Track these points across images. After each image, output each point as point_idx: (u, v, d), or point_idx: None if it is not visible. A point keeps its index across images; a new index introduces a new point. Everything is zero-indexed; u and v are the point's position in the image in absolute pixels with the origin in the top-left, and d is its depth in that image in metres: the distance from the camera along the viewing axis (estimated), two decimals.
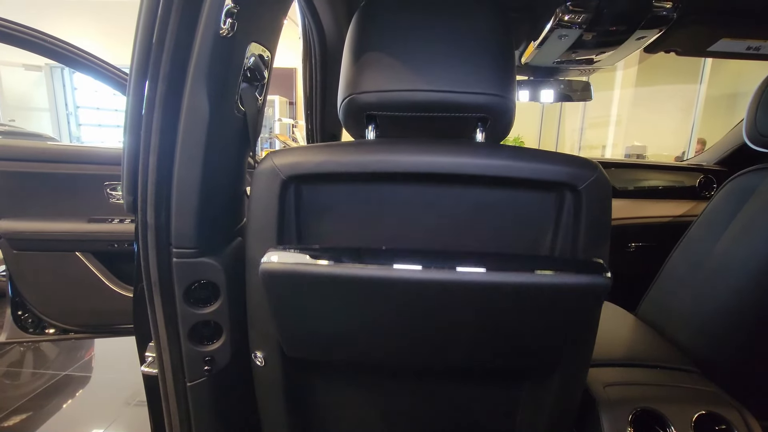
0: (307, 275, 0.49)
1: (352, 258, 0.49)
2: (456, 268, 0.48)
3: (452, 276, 0.48)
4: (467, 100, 0.55)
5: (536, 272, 0.48)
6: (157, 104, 0.53)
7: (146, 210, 0.56)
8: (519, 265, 0.50)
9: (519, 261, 0.52)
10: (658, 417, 0.66)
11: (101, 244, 1.41)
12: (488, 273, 0.48)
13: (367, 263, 0.48)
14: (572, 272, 0.50)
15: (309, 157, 0.54)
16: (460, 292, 0.50)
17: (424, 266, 0.48)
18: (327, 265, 0.48)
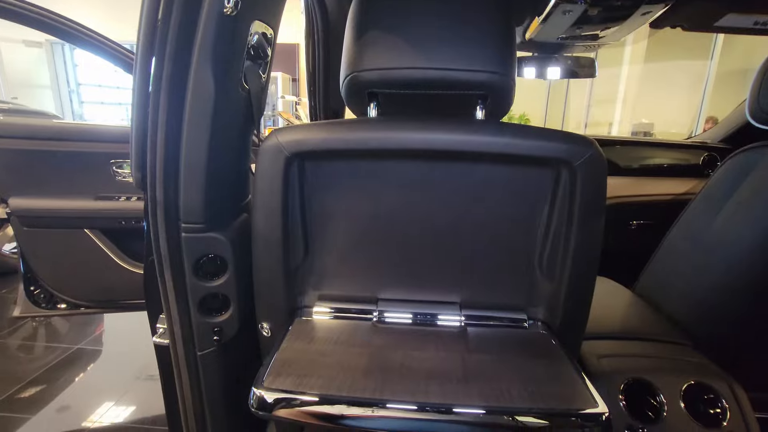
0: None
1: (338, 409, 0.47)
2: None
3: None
4: (467, 77, 0.55)
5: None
6: (164, 83, 0.54)
7: (155, 186, 0.57)
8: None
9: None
10: (649, 387, 0.69)
11: (109, 221, 1.43)
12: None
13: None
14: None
15: (312, 135, 0.55)
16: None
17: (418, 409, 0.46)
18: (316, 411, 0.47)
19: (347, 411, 0.45)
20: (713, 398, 0.68)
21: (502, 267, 0.64)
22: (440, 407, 0.45)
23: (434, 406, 0.45)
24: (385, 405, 0.45)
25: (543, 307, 0.66)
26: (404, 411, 0.45)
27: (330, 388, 0.47)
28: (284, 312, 0.65)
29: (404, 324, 0.64)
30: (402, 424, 0.45)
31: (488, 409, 0.45)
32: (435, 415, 0.45)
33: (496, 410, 0.45)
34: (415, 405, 0.45)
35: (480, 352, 0.56)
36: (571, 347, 0.65)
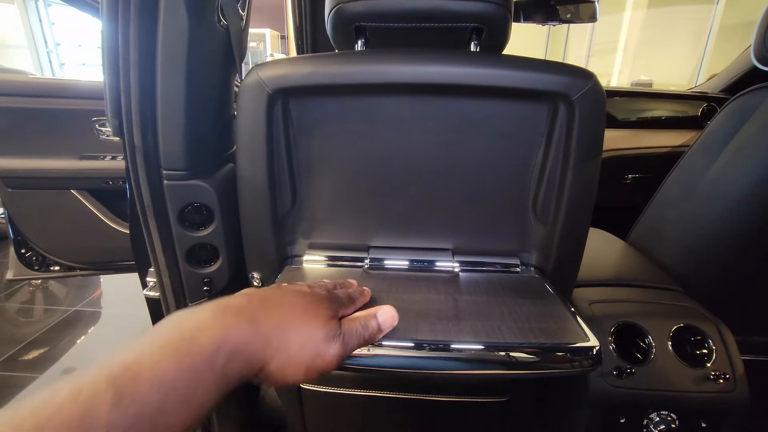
0: None
1: None
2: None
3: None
4: (460, 7, 0.52)
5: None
6: (132, 16, 0.50)
7: (132, 131, 0.55)
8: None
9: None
10: (638, 329, 0.70)
11: (95, 181, 1.40)
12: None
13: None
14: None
15: (295, 69, 0.52)
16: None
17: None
18: None
19: None
20: (700, 340, 0.69)
21: (495, 211, 0.63)
22: (430, 343, 0.45)
23: (424, 342, 0.45)
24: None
25: (536, 252, 0.65)
26: (393, 348, 0.44)
27: None
28: (274, 261, 0.64)
29: (396, 270, 0.64)
30: (391, 361, 0.45)
31: (479, 344, 0.45)
32: (425, 351, 0.45)
33: (487, 345, 0.45)
34: (404, 342, 0.45)
35: (471, 294, 0.56)
36: (564, 292, 0.65)
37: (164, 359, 0.26)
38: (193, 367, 0.27)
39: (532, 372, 0.46)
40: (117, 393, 0.23)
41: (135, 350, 0.26)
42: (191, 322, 0.29)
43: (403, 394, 0.74)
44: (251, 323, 0.31)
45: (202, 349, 0.27)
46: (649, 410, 0.67)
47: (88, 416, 0.22)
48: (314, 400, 0.78)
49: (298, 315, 0.35)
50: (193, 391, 0.26)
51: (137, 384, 0.24)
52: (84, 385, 0.23)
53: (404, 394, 0.74)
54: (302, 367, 0.34)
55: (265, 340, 0.32)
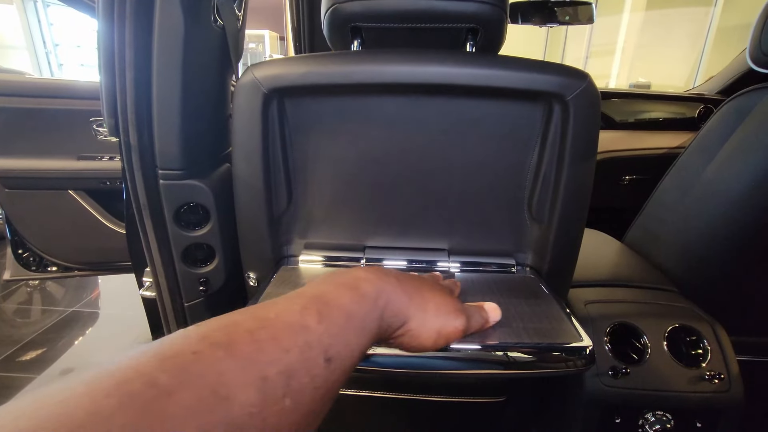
0: None
1: None
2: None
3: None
4: (455, 8, 0.52)
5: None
6: (128, 15, 0.50)
7: (128, 130, 0.55)
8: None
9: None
10: (634, 329, 0.70)
11: (93, 182, 1.40)
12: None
13: None
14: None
15: (291, 69, 0.52)
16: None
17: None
18: None
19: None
20: (696, 340, 0.69)
21: (491, 211, 0.63)
22: None
23: None
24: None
25: (531, 253, 0.65)
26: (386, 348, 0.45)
27: None
28: (270, 261, 0.64)
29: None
30: (386, 360, 0.45)
31: (473, 344, 0.45)
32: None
33: (481, 345, 0.45)
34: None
35: (467, 294, 0.56)
36: (559, 293, 0.65)
37: (341, 294, 0.30)
38: (364, 303, 0.31)
39: (526, 372, 0.46)
40: (318, 311, 0.27)
41: (313, 288, 0.31)
42: (354, 273, 0.34)
43: (399, 395, 0.74)
44: (398, 281, 0.36)
45: (367, 291, 0.32)
46: (644, 410, 0.67)
47: (303, 324, 0.26)
48: None
49: (431, 286, 0.40)
50: (364, 321, 0.31)
51: (329, 307, 0.28)
52: (291, 303, 0.28)
53: (401, 394, 0.74)
54: (434, 331, 0.37)
55: (409, 300, 0.36)
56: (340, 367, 0.27)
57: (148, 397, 0.18)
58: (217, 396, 0.20)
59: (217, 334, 0.23)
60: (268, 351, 0.23)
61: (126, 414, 0.17)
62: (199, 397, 0.19)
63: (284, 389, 0.23)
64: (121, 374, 0.19)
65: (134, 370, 0.19)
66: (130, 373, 0.19)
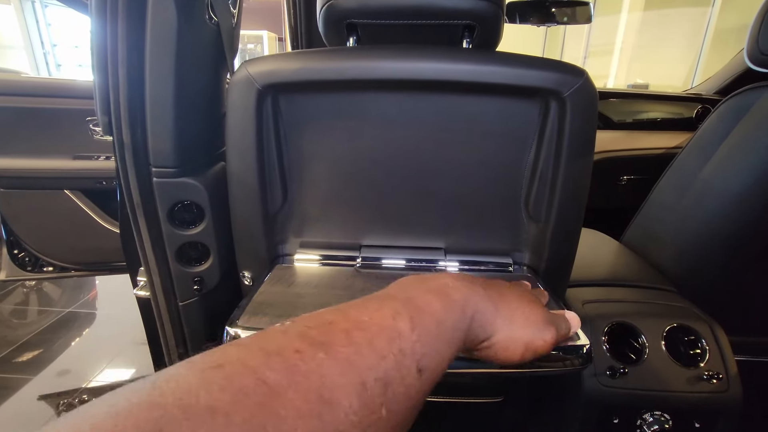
0: None
1: None
2: None
3: None
4: (451, 4, 0.52)
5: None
6: (120, 11, 0.49)
7: (121, 128, 0.54)
8: None
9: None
10: (632, 329, 0.69)
11: (89, 181, 1.39)
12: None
13: None
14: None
15: (285, 65, 0.52)
16: None
17: None
18: None
19: None
20: (694, 339, 0.69)
21: (488, 209, 0.63)
22: None
23: None
24: None
25: (528, 251, 0.65)
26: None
27: None
28: (265, 260, 0.63)
29: (388, 269, 0.63)
30: None
31: None
32: None
33: None
34: None
35: None
36: (556, 292, 0.65)
37: (432, 300, 0.29)
38: (453, 312, 0.29)
39: (523, 371, 0.45)
40: (411, 317, 0.26)
41: (399, 290, 0.29)
42: (439, 280, 0.32)
43: None
44: (485, 290, 0.34)
45: (456, 299, 0.30)
46: (642, 410, 0.67)
47: (396, 330, 0.24)
48: None
49: (519, 296, 0.38)
50: (454, 331, 0.29)
51: (421, 314, 0.27)
52: (382, 304, 0.26)
53: None
54: (522, 343, 0.35)
55: (496, 310, 0.34)
56: (431, 378, 0.26)
57: (260, 395, 0.17)
58: (322, 400, 0.19)
59: (314, 333, 0.22)
60: (366, 355, 0.22)
61: (241, 412, 0.16)
62: (306, 399, 0.18)
63: (381, 398, 0.21)
64: (231, 368, 0.18)
65: (242, 364, 0.18)
66: (238, 367, 0.18)
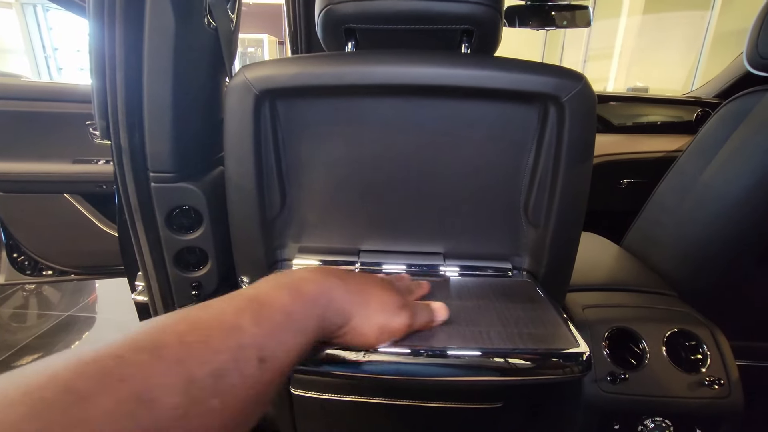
0: None
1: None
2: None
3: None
4: (449, 9, 0.52)
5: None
6: (118, 15, 0.49)
7: (119, 132, 0.54)
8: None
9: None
10: (632, 334, 0.69)
11: (88, 185, 1.39)
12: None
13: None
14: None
15: (283, 70, 0.52)
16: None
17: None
18: None
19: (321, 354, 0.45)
20: (695, 345, 0.69)
21: (487, 214, 0.63)
22: (417, 349, 0.44)
23: (411, 348, 0.44)
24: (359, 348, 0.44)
25: (527, 256, 0.64)
26: (380, 354, 0.44)
27: None
28: (264, 266, 0.63)
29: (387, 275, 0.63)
30: (377, 367, 0.44)
31: (466, 350, 0.44)
32: (411, 357, 0.44)
33: (475, 351, 0.44)
34: (391, 348, 0.44)
35: (462, 299, 0.55)
36: (556, 297, 0.65)
37: (281, 294, 0.31)
38: (304, 303, 0.32)
39: (520, 378, 0.45)
40: (253, 312, 0.28)
41: (252, 289, 0.31)
42: (296, 273, 0.35)
43: (394, 401, 0.73)
44: (341, 281, 0.37)
45: (308, 291, 0.33)
46: (643, 416, 0.66)
47: (237, 326, 0.26)
48: (304, 407, 0.77)
49: (375, 284, 0.41)
50: (305, 321, 0.31)
51: (266, 308, 0.29)
52: (226, 304, 0.28)
53: (396, 400, 0.73)
54: (377, 327, 0.38)
55: (351, 297, 0.37)
56: (275, 367, 0.27)
57: (63, 403, 0.17)
58: (140, 400, 0.19)
59: (142, 338, 0.23)
60: (197, 353, 0.23)
61: (37, 422, 0.16)
62: (119, 401, 0.19)
63: (212, 390, 0.23)
64: (34, 380, 0.18)
65: (48, 376, 0.18)
66: (43, 379, 0.18)
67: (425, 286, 0.51)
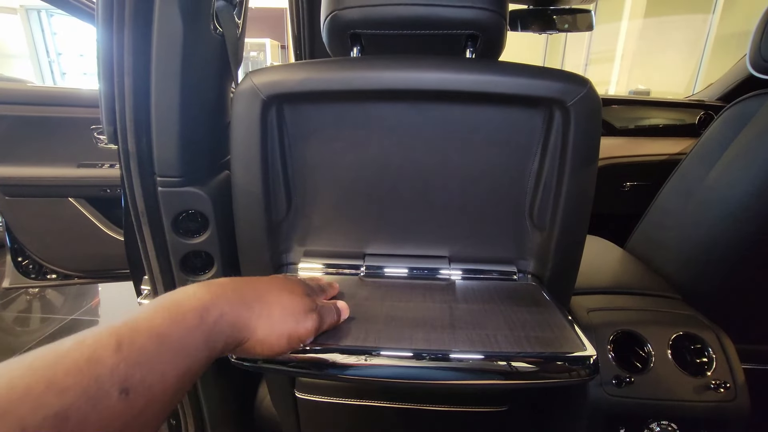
0: None
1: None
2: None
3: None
4: (455, 14, 0.52)
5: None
6: (126, 22, 0.50)
7: (126, 137, 0.55)
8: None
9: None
10: (638, 338, 0.69)
11: (93, 189, 1.40)
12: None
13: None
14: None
15: (289, 75, 0.52)
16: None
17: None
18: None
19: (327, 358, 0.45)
20: (700, 348, 0.69)
21: (492, 218, 0.63)
22: (424, 353, 0.44)
23: (418, 352, 0.44)
24: (367, 352, 0.45)
25: (533, 260, 0.65)
26: (385, 357, 0.44)
27: None
28: (269, 269, 0.63)
29: (392, 278, 0.63)
30: (382, 371, 0.44)
31: (473, 353, 0.44)
32: (418, 361, 0.44)
33: (482, 355, 0.44)
34: (398, 351, 0.44)
35: (468, 302, 0.55)
36: (561, 300, 0.65)
37: (158, 315, 0.30)
38: (184, 323, 0.31)
39: (527, 382, 0.45)
40: (118, 340, 0.26)
41: (132, 313, 0.30)
42: (180, 292, 0.34)
43: (399, 404, 0.73)
44: (236, 292, 0.36)
45: (191, 308, 0.32)
46: (649, 420, 0.66)
47: (93, 358, 0.25)
48: (310, 410, 0.77)
49: (279, 289, 0.40)
50: (184, 341, 0.30)
51: (135, 333, 0.28)
52: (87, 335, 0.26)
53: (401, 403, 0.73)
54: (285, 335, 0.38)
55: (250, 308, 0.36)
56: (146, 395, 0.26)
57: None
58: None
59: None
60: (31, 399, 0.22)
61: None
62: None
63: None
64: None
65: None
66: None
67: (335, 287, 0.53)
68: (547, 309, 0.54)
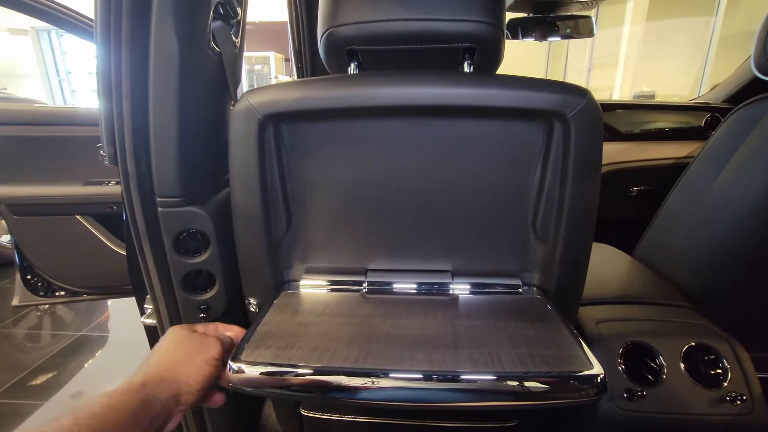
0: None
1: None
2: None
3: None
4: (451, 28, 0.52)
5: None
6: (123, 43, 0.50)
7: (126, 159, 0.55)
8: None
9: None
10: (649, 349, 0.67)
11: (99, 206, 1.41)
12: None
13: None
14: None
15: (286, 94, 0.52)
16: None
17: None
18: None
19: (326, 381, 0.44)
20: (714, 359, 0.67)
21: (494, 231, 0.62)
22: (425, 374, 0.43)
23: (419, 373, 0.43)
24: (366, 374, 0.44)
25: (538, 272, 0.63)
26: (386, 379, 0.43)
27: (310, 359, 0.46)
28: (271, 287, 0.63)
29: (394, 294, 0.62)
30: (383, 393, 0.43)
31: (475, 374, 0.43)
32: (418, 382, 0.43)
33: (484, 375, 0.43)
34: (400, 373, 0.43)
35: (471, 319, 0.54)
36: (568, 312, 0.63)
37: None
38: (128, 398, 0.40)
39: (530, 403, 0.44)
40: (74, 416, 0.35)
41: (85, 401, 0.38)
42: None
43: (405, 421, 0.72)
44: (166, 365, 0.47)
45: (131, 384, 0.42)
46: None
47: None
48: (315, 428, 0.76)
49: (176, 348, 0.49)
50: (131, 414, 0.38)
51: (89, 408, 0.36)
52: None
53: (407, 420, 0.72)
54: (205, 379, 0.47)
55: (173, 375, 0.46)
56: None
57: None
58: None
59: None
60: None
61: None
62: None
63: None
64: None
65: None
66: None
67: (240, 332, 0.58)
68: (552, 324, 0.53)
